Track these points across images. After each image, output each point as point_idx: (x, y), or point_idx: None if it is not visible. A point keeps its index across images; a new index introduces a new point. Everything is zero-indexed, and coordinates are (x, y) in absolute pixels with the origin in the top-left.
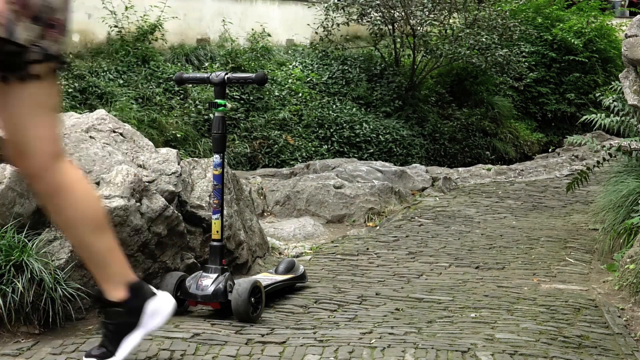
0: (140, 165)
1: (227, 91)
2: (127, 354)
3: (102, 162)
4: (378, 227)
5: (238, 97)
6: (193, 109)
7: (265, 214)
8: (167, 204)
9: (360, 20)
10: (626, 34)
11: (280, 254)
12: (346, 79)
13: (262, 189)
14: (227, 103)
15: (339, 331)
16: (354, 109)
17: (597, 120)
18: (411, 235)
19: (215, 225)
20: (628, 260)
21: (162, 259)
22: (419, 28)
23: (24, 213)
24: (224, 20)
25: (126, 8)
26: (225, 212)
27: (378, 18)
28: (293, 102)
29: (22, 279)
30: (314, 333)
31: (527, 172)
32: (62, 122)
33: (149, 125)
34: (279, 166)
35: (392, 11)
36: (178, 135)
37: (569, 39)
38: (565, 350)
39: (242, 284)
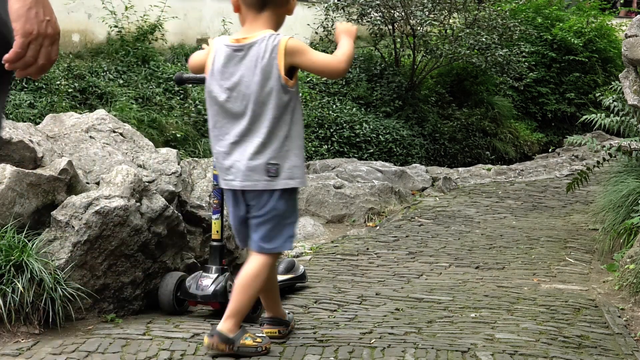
0: (140, 165)
1: None
2: None
3: (102, 162)
4: (378, 227)
5: None
6: (193, 109)
7: None
8: (167, 204)
9: (360, 20)
10: (626, 34)
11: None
12: (346, 79)
13: None
14: None
15: (339, 331)
16: (354, 109)
17: (597, 120)
18: (411, 235)
19: (215, 225)
20: (628, 260)
21: (162, 259)
22: (419, 28)
23: (24, 213)
24: (224, 20)
25: (126, 8)
26: (225, 212)
27: (378, 18)
28: None
29: (22, 279)
30: (314, 333)
31: (527, 172)
32: (61, 122)
33: (149, 125)
34: None
35: (392, 11)
36: (178, 135)
37: (569, 38)
38: (565, 350)
39: None
